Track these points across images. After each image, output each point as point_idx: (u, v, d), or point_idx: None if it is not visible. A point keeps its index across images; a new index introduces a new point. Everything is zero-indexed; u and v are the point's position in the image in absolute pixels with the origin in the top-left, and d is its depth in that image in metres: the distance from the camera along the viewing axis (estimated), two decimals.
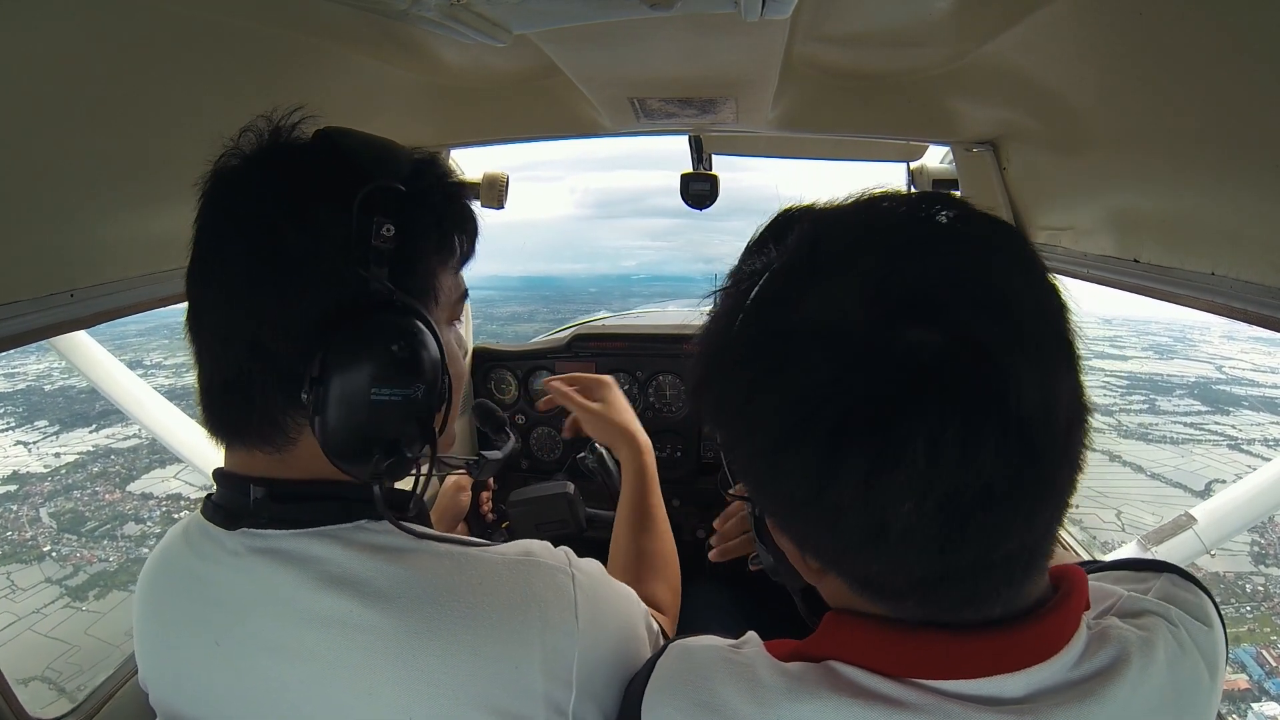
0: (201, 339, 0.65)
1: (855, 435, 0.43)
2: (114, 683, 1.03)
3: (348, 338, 0.61)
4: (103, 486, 14.49)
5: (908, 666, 0.50)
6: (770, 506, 0.54)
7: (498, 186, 1.79)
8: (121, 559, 12.51)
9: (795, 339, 0.46)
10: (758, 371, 0.48)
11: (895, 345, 0.43)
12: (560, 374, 1.86)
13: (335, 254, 0.62)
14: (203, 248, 0.65)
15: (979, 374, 0.42)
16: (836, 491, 0.45)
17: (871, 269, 0.45)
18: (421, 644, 0.61)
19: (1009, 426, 0.42)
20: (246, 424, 0.65)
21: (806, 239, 0.51)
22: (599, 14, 0.76)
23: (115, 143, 0.84)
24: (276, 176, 0.64)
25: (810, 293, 0.47)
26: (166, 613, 0.71)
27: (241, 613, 0.65)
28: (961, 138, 1.41)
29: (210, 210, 0.65)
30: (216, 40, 0.84)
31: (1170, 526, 1.82)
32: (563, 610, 0.66)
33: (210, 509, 0.69)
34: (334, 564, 0.64)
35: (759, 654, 0.57)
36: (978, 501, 0.43)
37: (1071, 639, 0.50)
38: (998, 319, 0.43)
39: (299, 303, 0.61)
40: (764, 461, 0.49)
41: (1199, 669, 0.54)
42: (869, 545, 0.46)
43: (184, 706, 0.71)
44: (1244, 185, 0.77)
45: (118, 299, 0.93)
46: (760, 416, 0.48)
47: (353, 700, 0.62)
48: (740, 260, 0.59)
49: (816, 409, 0.44)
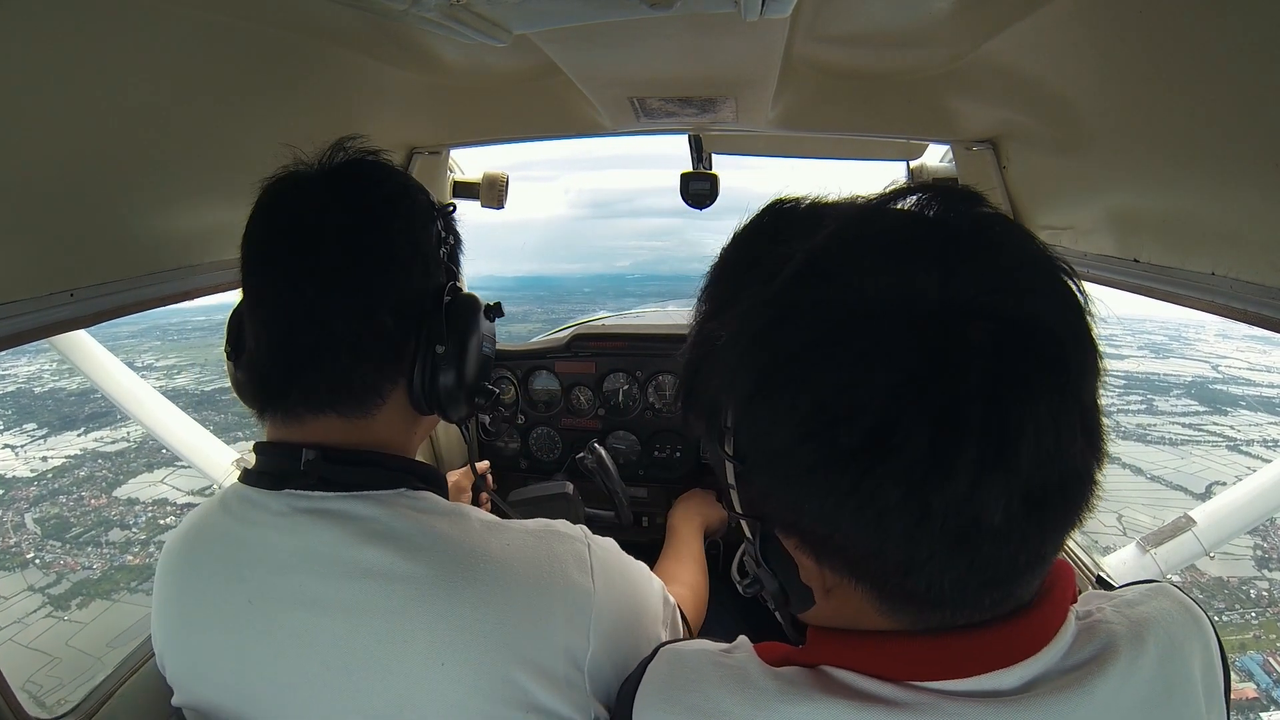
0: (299, 321, 0.72)
1: (965, 428, 0.40)
2: (114, 682, 1.03)
3: (461, 311, 0.81)
4: (89, 491, 14.44)
5: (904, 671, 0.49)
6: (801, 521, 0.49)
7: (498, 186, 1.79)
8: (105, 566, 12.47)
9: (858, 324, 0.43)
10: (816, 370, 0.44)
11: (982, 332, 0.41)
12: (560, 373, 1.87)
13: (433, 252, 0.80)
14: (301, 240, 0.73)
15: (1062, 364, 0.43)
16: (942, 493, 0.41)
17: (941, 255, 0.44)
18: (456, 593, 0.67)
19: (1083, 416, 0.43)
20: (342, 391, 0.75)
21: (856, 221, 0.48)
22: (599, 14, 0.75)
23: (115, 143, 0.84)
24: (379, 186, 0.78)
25: (879, 273, 0.44)
26: (197, 580, 0.76)
27: (281, 569, 0.71)
28: (961, 137, 1.41)
29: (303, 212, 0.74)
30: (217, 41, 0.84)
31: (1169, 529, 1.82)
32: (581, 572, 0.74)
33: (253, 477, 0.76)
34: (378, 521, 0.71)
35: (750, 658, 0.57)
36: (1058, 493, 0.43)
37: (1060, 630, 0.50)
38: (1064, 312, 0.44)
39: (414, 287, 0.78)
40: (819, 470, 0.44)
41: (1192, 676, 0.53)
42: (947, 551, 0.43)
43: (206, 674, 0.75)
44: (1244, 185, 0.77)
45: (118, 299, 0.93)
46: (817, 419, 0.43)
47: (384, 649, 0.67)
48: (743, 249, 0.57)
49: (917, 397, 0.41)
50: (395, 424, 0.80)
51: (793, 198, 0.59)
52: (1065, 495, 0.44)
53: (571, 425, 1.88)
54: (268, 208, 0.76)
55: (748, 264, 0.55)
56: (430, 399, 0.79)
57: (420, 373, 0.78)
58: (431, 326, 0.78)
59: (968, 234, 0.46)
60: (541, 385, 1.90)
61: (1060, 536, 0.47)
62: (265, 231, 0.76)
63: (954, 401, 0.41)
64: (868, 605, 0.50)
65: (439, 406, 0.80)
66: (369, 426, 0.77)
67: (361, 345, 0.74)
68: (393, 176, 0.81)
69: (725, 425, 0.52)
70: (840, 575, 0.50)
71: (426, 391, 0.78)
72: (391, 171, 0.81)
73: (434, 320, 0.78)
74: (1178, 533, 1.81)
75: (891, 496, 0.42)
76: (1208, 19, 0.67)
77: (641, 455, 1.87)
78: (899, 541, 0.44)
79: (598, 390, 1.85)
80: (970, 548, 0.43)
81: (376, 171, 0.80)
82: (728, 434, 0.52)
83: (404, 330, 0.77)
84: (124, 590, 11.90)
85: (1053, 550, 0.48)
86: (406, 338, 0.77)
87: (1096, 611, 0.54)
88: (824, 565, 0.51)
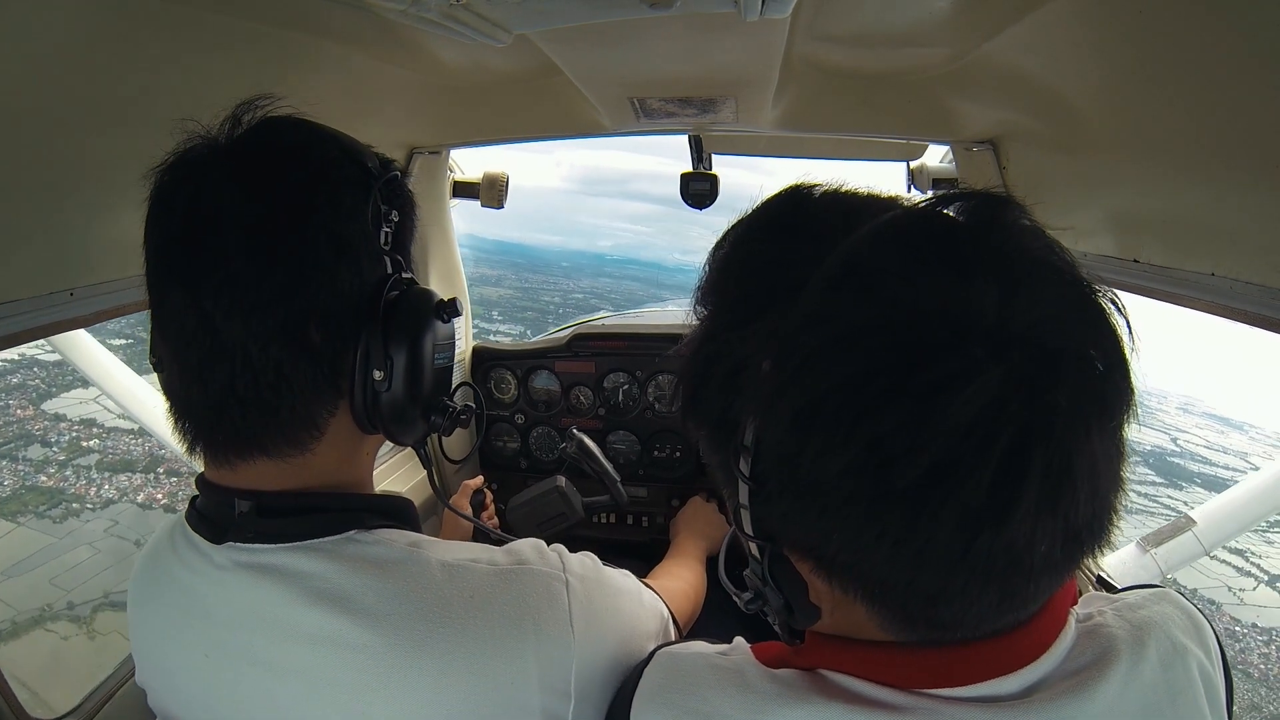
0: (210, 350, 0.60)
1: (1026, 470, 0.38)
2: (114, 682, 1.03)
3: (408, 314, 0.66)
4: (16, 400, 13.69)
5: (904, 678, 0.49)
6: (824, 548, 0.46)
7: (498, 186, 1.80)
8: (16, 485, 11.93)
9: (920, 354, 0.39)
10: (874, 405, 0.40)
11: (1049, 366, 0.39)
12: (560, 373, 1.87)
13: (366, 239, 0.65)
14: (201, 249, 0.59)
15: (1116, 403, 0.42)
16: (993, 535, 0.39)
17: (998, 271, 0.41)
18: (415, 664, 0.59)
19: (1121, 452, 0.43)
20: (271, 429, 0.63)
21: (897, 224, 0.45)
22: (599, 14, 0.75)
23: (116, 143, 0.84)
24: (296, 164, 0.63)
25: (932, 289, 0.41)
26: (158, 620, 0.70)
27: (231, 626, 0.64)
28: (961, 137, 1.41)
29: (201, 204, 0.60)
30: (217, 39, 0.84)
31: (1169, 529, 1.82)
32: (557, 620, 0.65)
33: (195, 518, 0.68)
34: (323, 579, 0.62)
35: (747, 660, 0.56)
36: (1095, 527, 0.42)
37: (1061, 634, 0.50)
38: (1118, 347, 0.43)
39: (344, 291, 0.63)
40: (860, 505, 0.41)
41: (1195, 682, 0.52)
42: (981, 584, 0.42)
43: (181, 711, 0.70)
44: (1244, 185, 0.77)
45: (118, 298, 0.93)
46: (869, 457, 0.40)
47: (345, 718, 0.61)
48: (758, 244, 0.53)
49: (983, 437, 0.38)
50: (339, 454, 0.68)
51: (810, 184, 0.54)
52: (1100, 529, 0.44)
53: (571, 425, 1.89)
54: (158, 200, 0.62)
55: (766, 262, 0.51)
56: (374, 423, 0.66)
57: (361, 395, 0.65)
58: (370, 337, 0.64)
59: (1021, 250, 0.43)
60: (541, 385, 1.90)
61: (1084, 562, 0.46)
62: (155, 232, 0.62)
63: (1020, 442, 0.38)
64: (873, 621, 0.49)
65: (385, 431, 0.68)
66: (307, 464, 0.65)
67: (285, 373, 0.61)
68: (312, 146, 0.65)
69: (743, 443, 0.48)
70: (854, 597, 0.48)
71: (369, 415, 0.66)
72: (310, 138, 0.66)
73: (372, 329, 0.64)
74: (1178, 533, 1.81)
75: (938, 536, 0.40)
76: (1208, 19, 0.67)
77: (641, 455, 1.87)
78: (934, 575, 0.42)
79: (598, 390, 1.85)
80: (1007, 582, 0.42)
81: (290, 139, 0.65)
82: (745, 453, 0.48)
83: (338, 344, 0.63)
84: (30, 514, 11.41)
85: (1073, 573, 0.47)
86: (343, 349, 0.64)
87: (1098, 615, 0.53)
88: (836, 586, 0.48)
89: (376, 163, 0.68)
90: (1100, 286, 0.44)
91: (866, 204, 0.52)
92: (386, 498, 0.72)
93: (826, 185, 0.54)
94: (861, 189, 0.54)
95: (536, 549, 0.71)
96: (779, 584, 0.52)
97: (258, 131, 0.64)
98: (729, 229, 0.56)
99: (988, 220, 0.45)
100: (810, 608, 0.52)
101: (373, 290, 0.65)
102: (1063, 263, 0.45)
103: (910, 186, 1.72)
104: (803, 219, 0.52)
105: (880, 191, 0.53)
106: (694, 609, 1.12)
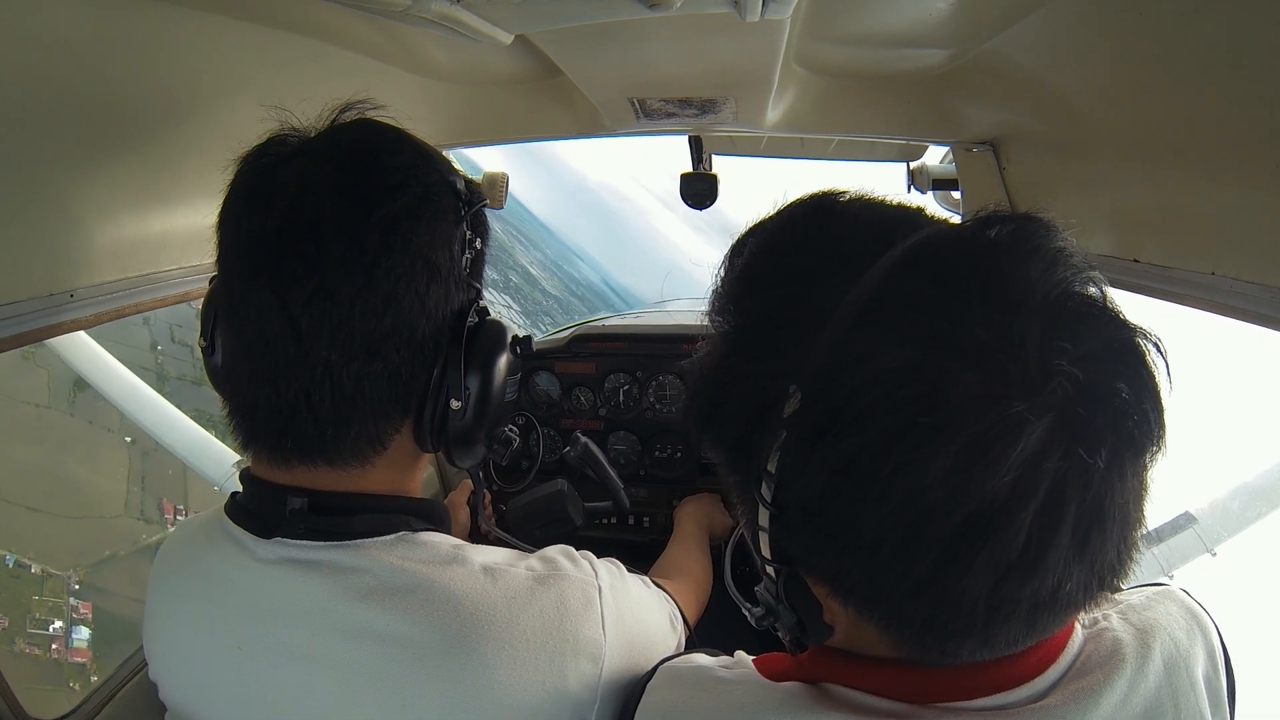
0: (290, 357, 0.60)
1: (1062, 519, 0.38)
2: (115, 682, 1.03)
3: (485, 345, 0.68)
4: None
5: (911, 694, 0.48)
6: (846, 579, 0.45)
7: (498, 186, 1.79)
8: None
9: (970, 405, 0.38)
10: (918, 454, 0.38)
11: (1093, 414, 0.38)
12: (560, 373, 1.86)
13: (454, 264, 0.67)
14: (296, 254, 0.59)
15: (1149, 448, 0.41)
16: (1024, 581, 0.39)
17: (1040, 305, 0.40)
18: (459, 658, 0.61)
19: (1147, 496, 0.42)
20: (340, 440, 0.64)
21: (934, 246, 0.43)
22: (599, 14, 0.75)
23: (116, 143, 0.84)
24: (404, 186, 0.63)
25: (975, 321, 0.39)
26: (184, 612, 0.71)
27: (270, 619, 0.65)
28: (961, 138, 1.41)
29: (302, 209, 0.60)
30: (217, 40, 0.84)
31: (1170, 526, 1.82)
32: (592, 626, 0.67)
33: (239, 513, 0.68)
34: (372, 576, 0.63)
35: (749, 673, 0.56)
36: (1119, 563, 0.43)
37: (1067, 642, 0.50)
38: (1156, 390, 0.41)
39: (432, 315, 0.65)
40: (890, 547, 0.40)
41: (1197, 683, 0.52)
42: (1006, 621, 0.41)
43: (200, 705, 0.71)
44: (1244, 185, 0.77)
45: (118, 299, 0.93)
46: (909, 506, 0.39)
47: (383, 712, 0.62)
48: (784, 255, 0.50)
49: (1026, 488, 0.37)
50: (396, 468, 0.70)
51: (837, 192, 0.51)
52: (1123, 568, 0.44)
53: (572, 425, 1.88)
54: (251, 191, 0.62)
55: (790, 280, 0.48)
56: (439, 445, 0.69)
57: (431, 417, 0.67)
58: (449, 365, 0.66)
59: (1063, 283, 0.41)
60: (542, 385, 1.90)
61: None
62: (243, 223, 0.62)
63: (1057, 492, 0.38)
64: (886, 642, 0.48)
65: (447, 454, 0.71)
66: (366, 474, 0.67)
67: (365, 389, 0.62)
68: (418, 169, 0.65)
69: (765, 469, 0.45)
70: (869, 620, 0.46)
71: (436, 437, 0.68)
72: (417, 160, 0.66)
73: (453, 356, 0.66)
74: (1179, 531, 1.81)
75: (966, 583, 0.39)
76: (1208, 19, 0.67)
77: (642, 455, 1.87)
78: (956, 616, 0.41)
79: (598, 390, 1.85)
80: (1028, 620, 0.42)
81: (400, 160, 0.65)
82: (767, 479, 0.45)
83: (416, 366, 0.65)
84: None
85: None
86: (417, 375, 0.65)
87: (1103, 619, 0.53)
88: (852, 609, 0.47)
89: (466, 189, 0.69)
90: (1140, 326, 0.42)
91: (898, 219, 0.49)
92: (427, 502, 0.73)
93: (854, 192, 0.51)
94: (890, 198, 0.52)
95: (569, 556, 0.72)
96: (793, 603, 0.51)
97: (362, 142, 0.66)
98: (748, 233, 0.54)
99: (1030, 249, 0.42)
100: (824, 627, 0.51)
101: (455, 317, 0.67)
102: (1102, 294, 0.43)
103: (910, 187, 1.73)
104: (830, 235, 0.49)
105: (909, 202, 0.52)
106: (701, 604, 1.12)
